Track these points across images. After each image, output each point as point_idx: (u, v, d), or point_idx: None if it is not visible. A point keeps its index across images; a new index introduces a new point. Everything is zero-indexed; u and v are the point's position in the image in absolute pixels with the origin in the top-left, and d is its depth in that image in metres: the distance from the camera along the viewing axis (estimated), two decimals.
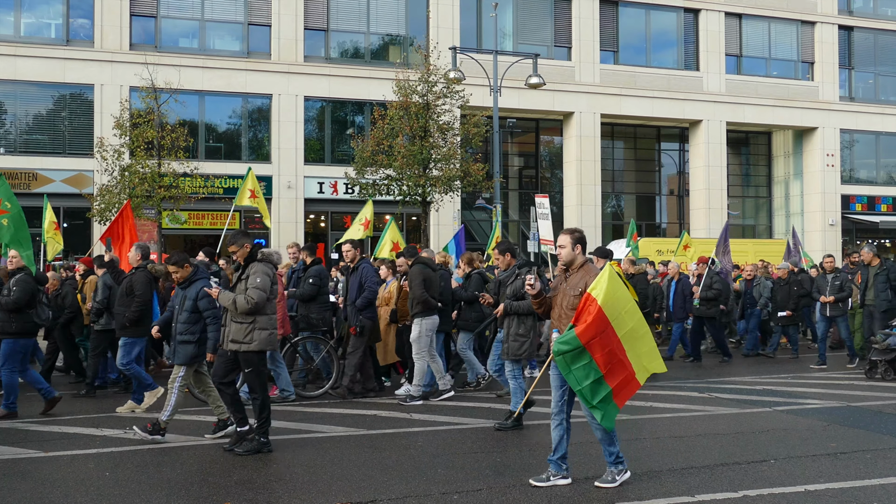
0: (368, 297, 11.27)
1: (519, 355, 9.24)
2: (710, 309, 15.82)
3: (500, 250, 10.07)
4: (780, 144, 36.72)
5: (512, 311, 9.22)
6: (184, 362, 8.61)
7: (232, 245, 8.28)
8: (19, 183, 25.43)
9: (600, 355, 6.60)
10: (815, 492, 6.62)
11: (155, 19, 27.56)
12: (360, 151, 23.42)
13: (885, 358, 13.10)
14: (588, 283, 6.75)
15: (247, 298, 7.91)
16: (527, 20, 31.50)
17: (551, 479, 6.81)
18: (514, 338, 9.20)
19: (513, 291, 9.39)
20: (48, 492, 6.74)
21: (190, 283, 8.70)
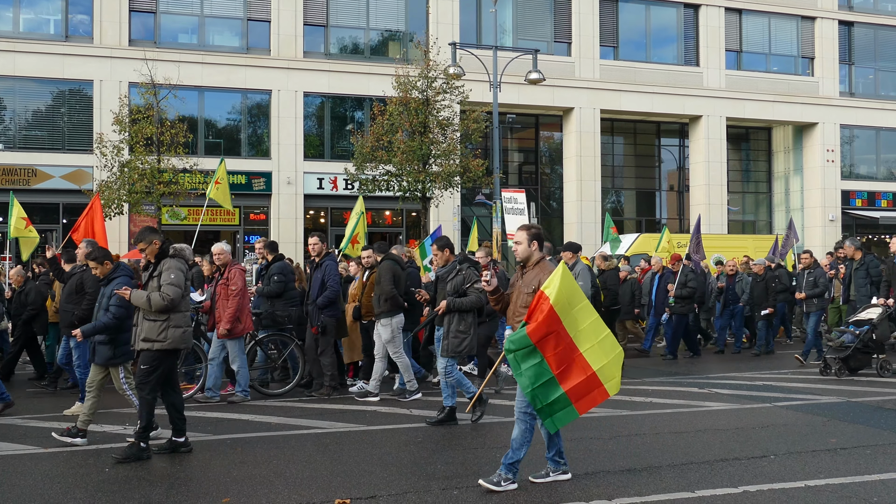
0: (330, 295, 11.05)
1: (459, 352, 9.10)
2: (684, 307, 15.78)
3: (438, 246, 9.83)
4: (780, 140, 36.69)
5: (454, 308, 9.10)
6: (103, 362, 8.32)
7: (141, 242, 8.01)
8: (18, 179, 25.42)
9: (552, 355, 6.44)
10: (815, 487, 6.62)
11: (154, 15, 27.52)
12: (359, 147, 23.40)
13: (839, 356, 12.83)
14: (542, 280, 6.60)
15: (162, 295, 7.67)
16: (526, 16, 31.45)
17: (551, 476, 6.79)
18: (454, 334, 9.07)
19: (453, 288, 9.22)
20: (48, 488, 6.74)
21: (109, 280, 8.33)
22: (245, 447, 8.19)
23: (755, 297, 16.77)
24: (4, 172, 25.38)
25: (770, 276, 16.75)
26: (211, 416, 9.88)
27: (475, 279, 9.17)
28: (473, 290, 9.17)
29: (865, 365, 13.01)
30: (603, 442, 8.39)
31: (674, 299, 15.83)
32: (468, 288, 9.19)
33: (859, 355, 12.86)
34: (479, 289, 9.07)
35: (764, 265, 17.05)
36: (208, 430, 8.99)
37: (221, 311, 10.69)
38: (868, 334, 12.81)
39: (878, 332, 12.86)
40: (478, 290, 9.10)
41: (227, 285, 10.70)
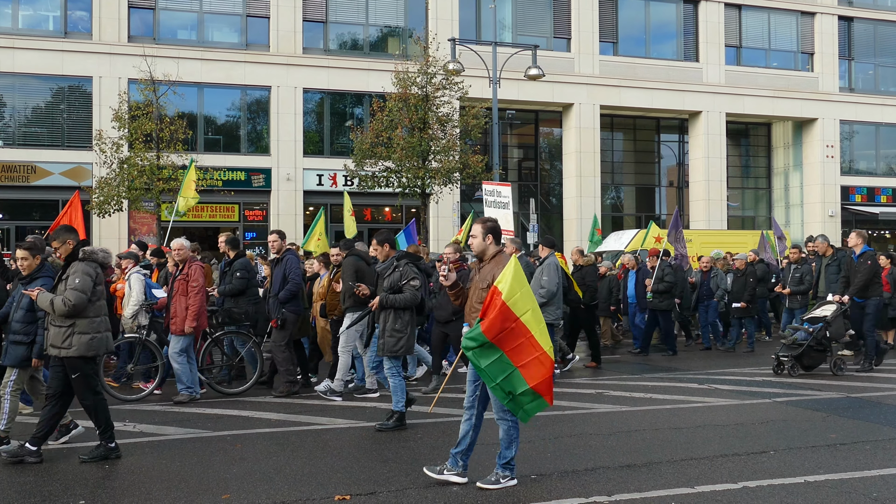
0: (292, 289, 11.02)
1: (395, 352, 8.84)
2: (662, 302, 15.66)
3: (378, 241, 9.62)
4: (780, 135, 36.67)
5: (388, 304, 8.82)
6: (13, 364, 7.94)
7: (55, 241, 7.74)
8: (18, 176, 25.41)
9: (511, 349, 6.31)
10: (815, 483, 6.62)
11: (153, 11, 27.49)
12: (359, 143, 23.38)
13: (792, 353, 12.61)
14: (496, 275, 6.44)
15: (64, 300, 7.29)
16: (526, 11, 31.41)
17: (444, 474, 6.62)
18: (390, 333, 8.81)
19: (390, 284, 8.94)
20: (48, 484, 6.74)
21: (31, 279, 7.90)
22: (245, 443, 8.19)
23: (735, 292, 16.63)
24: (4, 169, 25.36)
25: (750, 272, 16.64)
26: (211, 412, 9.89)
27: (412, 276, 8.93)
28: (409, 287, 8.90)
29: (819, 363, 12.82)
30: (602, 438, 8.39)
31: (651, 294, 15.67)
32: (404, 285, 8.91)
33: (813, 353, 12.66)
34: (415, 286, 8.87)
35: (745, 260, 16.90)
36: (208, 426, 8.99)
37: (178, 307, 10.56)
38: (822, 332, 12.60)
39: (833, 329, 12.63)
40: (414, 288, 8.87)
41: (188, 282, 10.59)
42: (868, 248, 13.37)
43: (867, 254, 13.13)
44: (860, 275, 12.93)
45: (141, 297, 11.20)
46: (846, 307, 12.86)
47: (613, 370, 13.86)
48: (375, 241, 9.71)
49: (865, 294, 13.04)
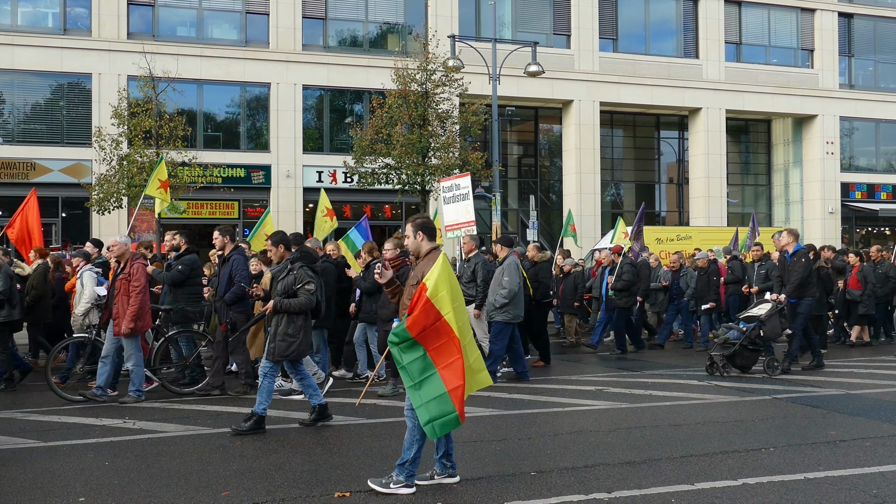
0: (238, 291, 10.72)
1: (286, 356, 8.60)
2: (621, 299, 15.51)
3: (272, 241, 9.35)
4: (780, 132, 36.66)
5: (282, 308, 8.57)
6: None
7: None
8: (17, 173, 25.39)
9: (433, 348, 6.15)
10: (815, 479, 6.62)
11: (152, 8, 27.46)
12: (358, 140, 23.38)
13: (724, 353, 12.39)
14: (425, 272, 6.33)
15: None
16: (525, 8, 31.39)
17: (436, 479, 6.52)
18: (281, 337, 8.56)
19: (283, 287, 8.68)
20: (48, 482, 6.74)
21: None
22: (245, 440, 8.18)
23: (698, 291, 16.49)
24: (3, 166, 25.35)
25: (713, 270, 16.44)
26: (210, 409, 9.89)
27: (307, 280, 8.67)
28: (304, 291, 8.63)
29: (753, 363, 12.57)
30: (602, 435, 8.39)
31: (612, 292, 15.55)
32: (299, 289, 8.64)
33: (746, 353, 12.42)
34: (310, 290, 8.64)
35: (707, 258, 16.67)
36: (208, 423, 8.99)
37: (120, 307, 10.25)
38: (755, 331, 12.39)
39: (767, 328, 12.44)
40: (309, 292, 8.63)
41: (129, 281, 10.29)
42: (801, 246, 13.19)
43: (800, 252, 12.91)
44: (794, 274, 12.71)
45: (92, 295, 11.04)
46: (782, 306, 12.66)
47: (612, 366, 13.86)
48: (270, 241, 9.38)
49: (799, 294, 12.82)
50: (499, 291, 11.82)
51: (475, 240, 12.86)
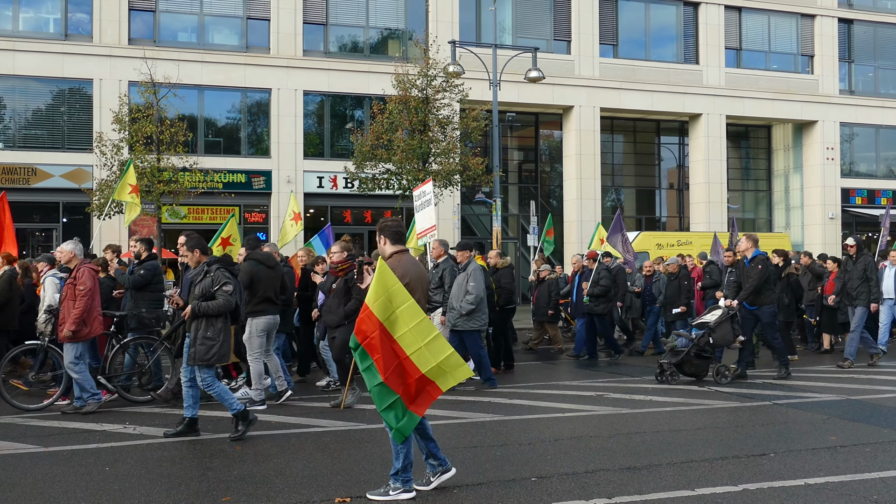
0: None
1: (207, 360, 8.41)
2: (598, 305, 15.21)
3: (188, 246, 9.11)
4: (780, 138, 36.69)
5: (200, 312, 8.40)
6: None
7: None
8: (18, 178, 25.40)
9: (378, 357, 6.16)
10: (815, 485, 6.62)
11: (153, 14, 27.51)
12: (359, 146, 23.40)
13: (673, 360, 12.14)
14: None
15: None
16: (526, 14, 31.44)
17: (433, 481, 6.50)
18: (201, 342, 8.39)
19: (201, 291, 8.49)
20: (48, 487, 6.74)
21: None
22: (245, 446, 8.19)
23: (668, 297, 16.29)
24: (4, 171, 25.37)
25: (683, 275, 16.24)
26: (211, 414, 9.88)
27: (224, 281, 8.52)
28: (222, 293, 8.47)
29: (703, 370, 12.28)
30: (603, 440, 8.39)
31: (588, 298, 15.26)
32: (217, 291, 8.47)
33: (695, 360, 12.15)
34: (227, 292, 8.48)
35: (678, 264, 16.47)
36: (208, 428, 8.98)
37: (66, 312, 10.01)
38: (704, 338, 12.13)
39: (717, 335, 12.14)
40: (227, 294, 8.48)
41: (75, 285, 10.07)
42: (760, 252, 12.88)
43: (758, 258, 12.66)
44: (750, 280, 12.49)
45: (54, 301, 10.79)
46: (734, 311, 12.38)
47: (614, 372, 13.85)
48: (185, 246, 9.14)
49: (757, 301, 12.57)
50: (465, 298, 11.57)
51: (444, 245, 12.61)
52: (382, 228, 6.74)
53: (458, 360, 6.31)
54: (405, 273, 6.46)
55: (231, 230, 15.74)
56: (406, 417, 6.22)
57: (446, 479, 6.55)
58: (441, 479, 6.53)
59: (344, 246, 10.67)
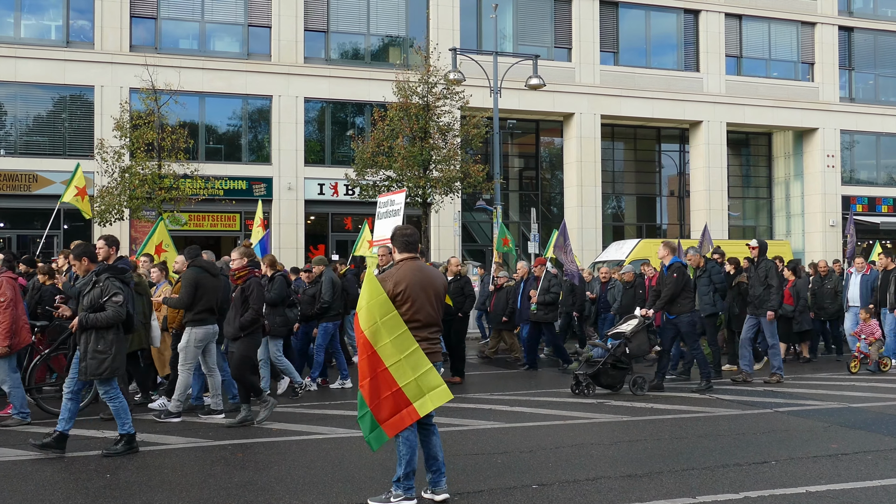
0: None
1: (100, 374, 8.01)
2: (547, 314, 14.80)
3: (74, 255, 8.63)
4: (781, 145, 36.72)
5: (89, 324, 7.96)
6: None
7: None
8: (20, 185, 25.44)
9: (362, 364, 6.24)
10: (817, 493, 6.62)
11: (155, 21, 27.58)
12: (360, 153, 23.42)
13: (588, 371, 11.77)
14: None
15: None
16: (527, 21, 31.51)
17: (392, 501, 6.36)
18: (91, 355, 7.97)
19: (90, 301, 8.06)
20: (49, 494, 6.74)
21: None
22: (246, 453, 8.19)
23: (623, 306, 15.80)
24: (5, 178, 25.40)
25: (639, 284, 15.84)
26: (212, 421, 9.88)
27: (114, 291, 8.10)
28: (112, 303, 8.06)
29: (619, 381, 11.95)
30: (604, 448, 8.39)
31: (536, 306, 14.82)
32: (106, 301, 8.07)
33: (611, 371, 11.83)
34: (118, 302, 8.07)
35: (633, 272, 16.06)
36: (209, 435, 8.99)
37: None
38: (620, 348, 11.84)
39: (633, 345, 11.88)
40: (116, 304, 8.07)
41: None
42: (677, 259, 12.61)
43: (674, 266, 12.34)
44: (666, 288, 12.20)
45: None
46: (650, 321, 12.20)
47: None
48: (72, 255, 8.72)
49: (674, 310, 12.24)
50: None
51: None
52: (392, 237, 6.73)
53: (435, 377, 6.25)
54: (400, 281, 6.37)
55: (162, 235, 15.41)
56: (376, 431, 6.24)
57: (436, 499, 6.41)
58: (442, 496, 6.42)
59: (243, 252, 10.11)
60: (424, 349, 6.28)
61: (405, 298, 6.31)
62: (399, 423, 6.20)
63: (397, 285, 6.34)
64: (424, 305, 6.40)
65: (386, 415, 6.19)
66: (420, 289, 6.40)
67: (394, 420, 6.19)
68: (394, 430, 6.21)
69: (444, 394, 6.25)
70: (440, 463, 6.44)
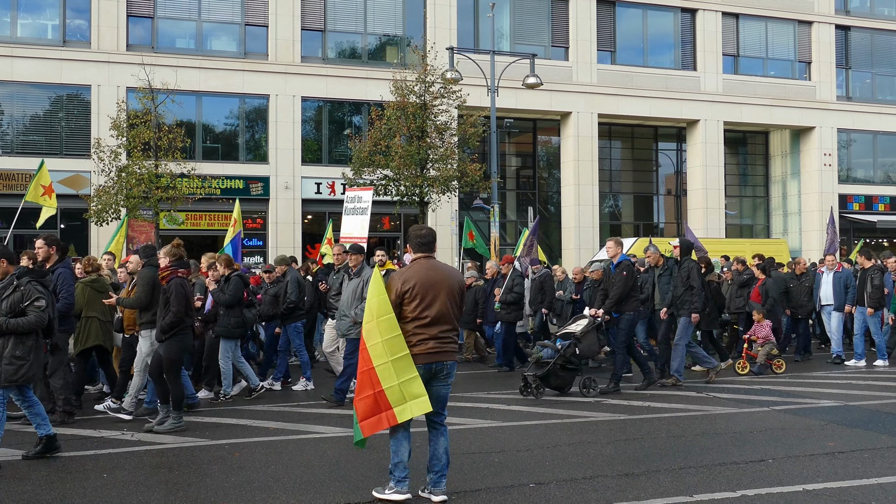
0: (61, 308, 9.65)
1: (15, 381, 7.79)
2: (510, 313, 14.58)
3: None
4: (778, 144, 36.75)
5: (9, 329, 7.75)
6: None
7: None
8: (16, 184, 25.40)
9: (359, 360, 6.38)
10: (814, 491, 6.62)
11: (152, 20, 27.54)
12: (357, 152, 23.41)
13: (538, 373, 11.44)
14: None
15: None
16: (524, 20, 31.50)
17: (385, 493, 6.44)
18: (8, 361, 7.76)
19: (9, 306, 7.84)
20: (45, 493, 6.73)
21: None
22: (243, 452, 8.18)
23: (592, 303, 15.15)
24: (2, 178, 25.36)
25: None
26: (208, 421, 9.87)
27: (36, 296, 7.90)
28: (34, 308, 7.85)
29: (569, 383, 11.64)
30: (601, 446, 8.39)
31: (499, 305, 14.63)
32: (27, 306, 7.85)
33: (561, 372, 11.52)
34: (40, 307, 7.87)
35: (602, 270, 15.46)
36: (206, 435, 8.98)
37: None
38: (570, 349, 11.54)
39: (583, 346, 11.62)
40: (39, 309, 7.86)
41: None
42: (625, 257, 12.28)
43: (623, 264, 12.00)
44: (615, 287, 11.86)
45: None
46: (599, 321, 11.93)
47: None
48: None
49: (619, 308, 11.93)
50: (360, 305, 10.49)
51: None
52: (408, 237, 6.81)
53: (419, 386, 6.24)
54: (409, 279, 6.38)
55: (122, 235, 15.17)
56: (356, 428, 6.35)
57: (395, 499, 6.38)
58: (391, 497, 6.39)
59: (169, 251, 9.64)
60: (434, 348, 6.33)
61: (413, 296, 6.33)
62: (376, 425, 6.26)
63: (405, 283, 6.37)
64: (434, 303, 6.38)
65: (364, 414, 6.27)
66: (430, 286, 6.40)
67: (371, 421, 6.26)
68: (370, 431, 6.28)
69: (424, 405, 6.25)
70: (443, 465, 6.45)
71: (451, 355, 6.48)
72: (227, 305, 11.30)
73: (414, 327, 6.32)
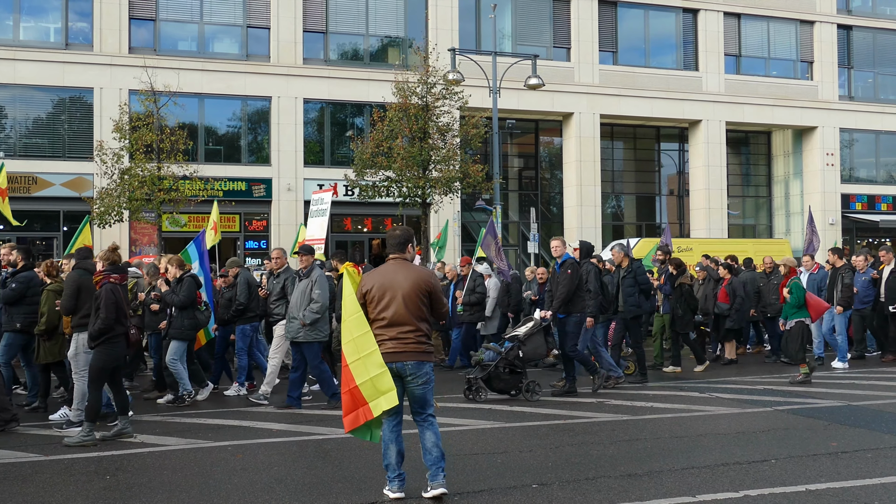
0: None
1: None
2: (473, 315, 14.56)
3: None
4: (780, 144, 36.72)
5: None
6: None
7: None
8: (19, 187, 25.42)
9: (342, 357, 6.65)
10: (817, 491, 6.62)
11: (154, 22, 27.57)
12: (359, 153, 23.42)
13: (480, 375, 11.29)
14: None
15: None
16: (525, 21, 31.50)
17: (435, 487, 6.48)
18: None
19: None
20: (49, 495, 6.74)
21: None
22: (246, 454, 8.19)
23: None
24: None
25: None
26: (212, 422, 9.88)
27: None
28: None
29: (513, 386, 11.38)
30: (604, 447, 8.39)
31: (462, 307, 14.50)
32: None
33: (504, 375, 11.31)
34: None
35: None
36: (209, 436, 8.99)
37: None
38: (513, 352, 11.36)
39: (527, 348, 11.43)
40: None
41: None
42: (569, 256, 11.94)
43: (567, 262, 11.66)
44: (560, 287, 11.53)
45: None
46: (547, 323, 11.73)
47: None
48: None
49: (565, 309, 11.59)
50: (309, 307, 10.58)
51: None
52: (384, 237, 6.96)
53: (388, 381, 6.35)
54: (366, 282, 6.61)
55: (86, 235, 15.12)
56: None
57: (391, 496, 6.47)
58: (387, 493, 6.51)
59: (103, 255, 9.35)
60: (392, 348, 6.43)
61: (371, 298, 6.55)
62: (354, 420, 6.48)
63: (364, 285, 6.62)
64: (391, 304, 6.48)
65: (345, 409, 6.52)
66: (387, 288, 6.51)
67: (350, 417, 6.49)
68: (350, 426, 6.51)
69: (392, 398, 6.35)
70: (434, 458, 6.49)
71: (413, 356, 6.46)
72: (180, 307, 11.21)
73: (375, 328, 6.51)
